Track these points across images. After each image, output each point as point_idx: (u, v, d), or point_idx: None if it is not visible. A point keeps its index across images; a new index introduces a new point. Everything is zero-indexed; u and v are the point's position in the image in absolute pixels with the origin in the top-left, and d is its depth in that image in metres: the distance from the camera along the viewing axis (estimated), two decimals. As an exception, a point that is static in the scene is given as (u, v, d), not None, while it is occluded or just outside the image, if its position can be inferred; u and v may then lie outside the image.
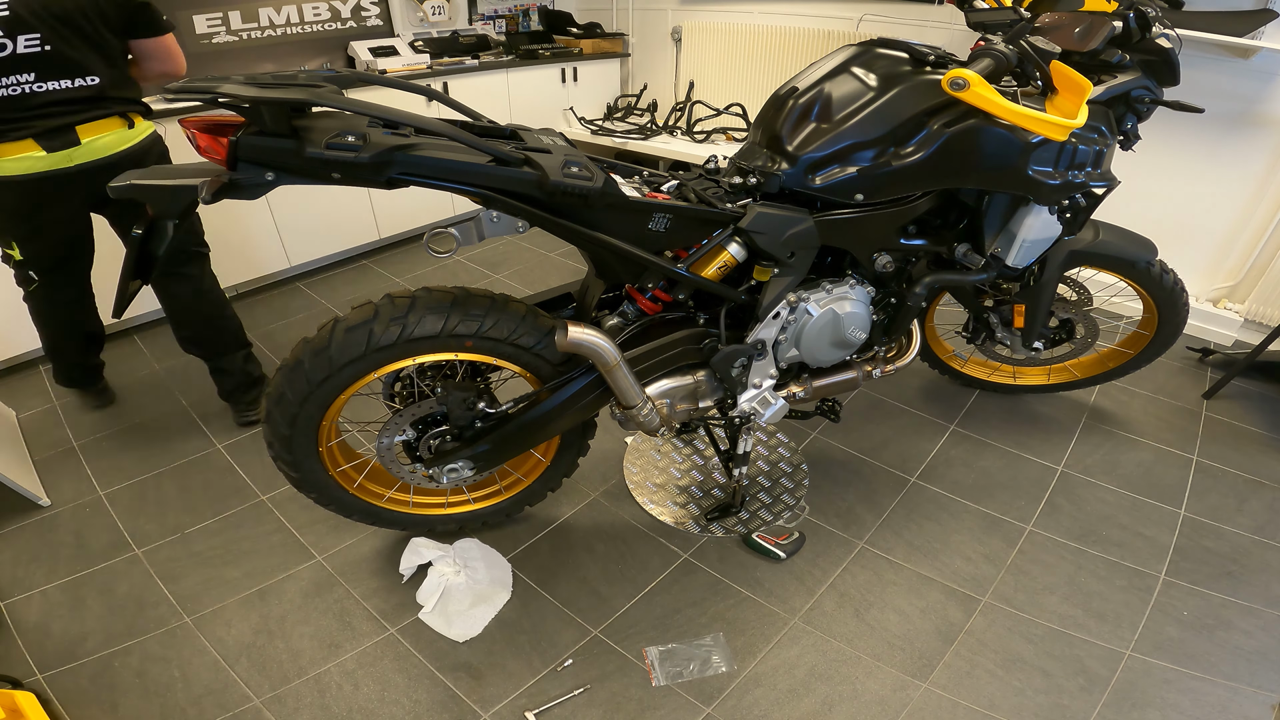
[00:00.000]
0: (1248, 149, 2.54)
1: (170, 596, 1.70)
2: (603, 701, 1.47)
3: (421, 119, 1.18)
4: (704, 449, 2.18)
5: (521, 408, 1.54)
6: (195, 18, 3.08)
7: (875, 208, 1.50)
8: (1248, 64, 2.43)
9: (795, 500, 1.98)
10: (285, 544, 1.85)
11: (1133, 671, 1.52)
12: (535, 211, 1.27)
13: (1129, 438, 2.24)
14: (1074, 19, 1.55)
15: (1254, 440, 2.22)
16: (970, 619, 1.64)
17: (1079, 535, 1.87)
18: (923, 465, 2.11)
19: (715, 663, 1.54)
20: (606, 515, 1.94)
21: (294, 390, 1.37)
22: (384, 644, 1.59)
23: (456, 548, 1.78)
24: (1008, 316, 2.05)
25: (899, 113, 1.40)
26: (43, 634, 1.61)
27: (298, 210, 3.15)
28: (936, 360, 2.39)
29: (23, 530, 1.91)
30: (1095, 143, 1.53)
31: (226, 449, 2.21)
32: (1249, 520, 1.91)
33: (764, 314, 1.54)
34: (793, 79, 1.53)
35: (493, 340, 1.40)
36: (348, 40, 3.61)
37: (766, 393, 1.65)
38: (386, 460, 1.56)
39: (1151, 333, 2.10)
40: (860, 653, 1.57)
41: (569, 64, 4.08)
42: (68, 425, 2.33)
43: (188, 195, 1.08)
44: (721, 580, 1.74)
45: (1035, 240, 1.63)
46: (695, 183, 1.53)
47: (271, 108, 1.05)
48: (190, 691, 1.48)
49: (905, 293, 1.67)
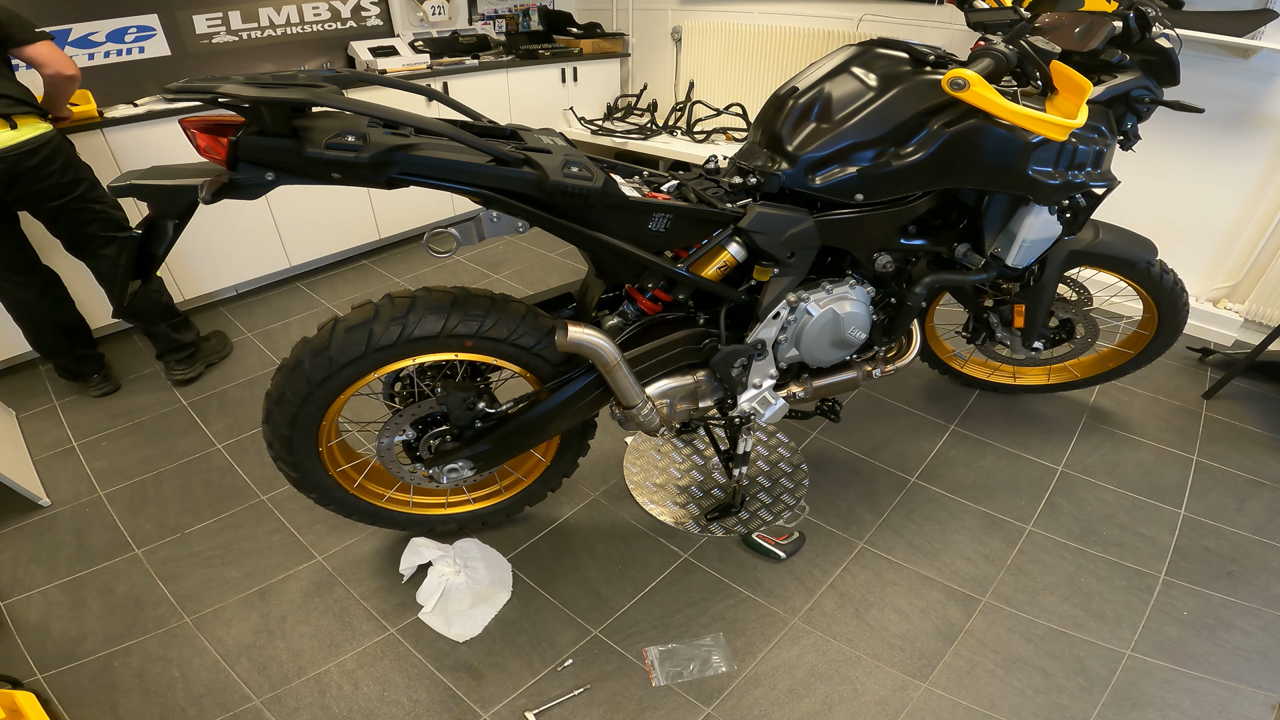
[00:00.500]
0: (1248, 149, 2.54)
1: (170, 596, 1.70)
2: (603, 701, 1.47)
3: (421, 119, 1.18)
4: (704, 449, 2.18)
5: (521, 408, 1.54)
6: (195, 18, 3.08)
7: (875, 208, 1.49)
8: (1248, 64, 2.43)
9: (795, 500, 1.98)
10: (285, 544, 1.85)
11: (1133, 671, 1.52)
12: (535, 211, 1.27)
13: (1129, 438, 2.24)
14: (1074, 19, 1.55)
15: (1254, 440, 2.22)
16: (970, 619, 1.64)
17: (1079, 535, 1.87)
18: (923, 465, 2.11)
19: (715, 663, 1.54)
20: (606, 515, 1.94)
21: (294, 390, 1.37)
22: (384, 644, 1.59)
23: (456, 548, 1.78)
24: (1008, 316, 2.05)
25: (899, 113, 1.40)
26: (43, 634, 1.61)
27: (298, 210, 3.15)
28: (936, 360, 2.39)
29: (23, 530, 1.91)
30: (1095, 143, 1.53)
31: (226, 449, 2.21)
32: (1249, 520, 1.91)
33: (764, 314, 1.54)
34: (793, 79, 1.53)
35: (493, 340, 1.40)
36: (348, 40, 3.61)
37: (766, 393, 1.65)
38: (386, 460, 1.56)
39: (1151, 333, 2.10)
40: (860, 653, 1.57)
41: (569, 64, 4.08)
42: (68, 425, 2.33)
43: (187, 195, 1.08)
44: (721, 580, 1.74)
45: (1035, 240, 1.63)
46: (695, 183, 1.53)
47: (271, 108, 1.05)
48: (190, 691, 1.48)
49: (905, 293, 1.67)
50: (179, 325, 2.48)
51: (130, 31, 2.91)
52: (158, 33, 2.99)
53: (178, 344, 2.49)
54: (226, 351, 2.72)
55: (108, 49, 2.88)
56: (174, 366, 2.52)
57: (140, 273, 1.19)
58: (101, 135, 2.54)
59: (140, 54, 2.97)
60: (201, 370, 2.56)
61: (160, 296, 2.43)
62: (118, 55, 2.91)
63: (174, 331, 2.47)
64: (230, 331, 2.90)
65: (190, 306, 3.08)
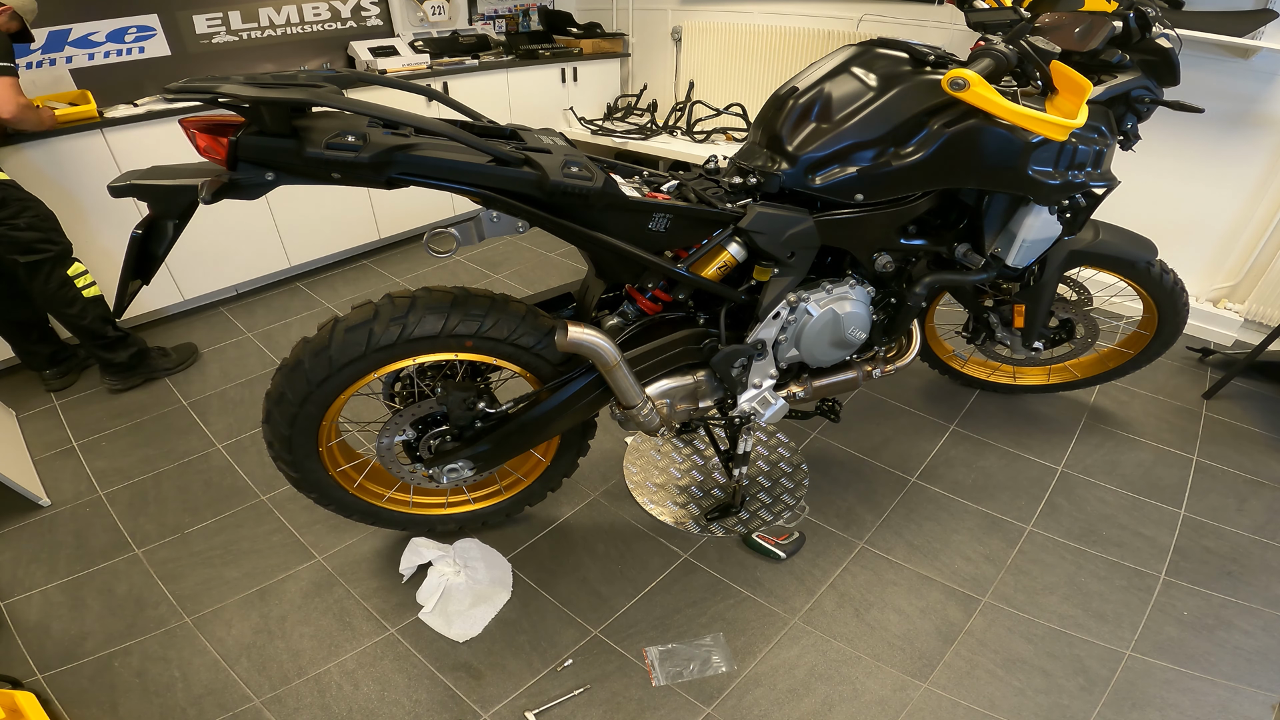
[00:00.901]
0: (1248, 149, 2.54)
1: (170, 596, 1.70)
2: (603, 701, 1.47)
3: (421, 119, 1.18)
4: (704, 449, 2.18)
5: (521, 408, 1.54)
6: (195, 18, 3.08)
7: (875, 208, 1.49)
8: (1248, 64, 2.43)
9: (795, 500, 1.98)
10: (285, 544, 1.85)
11: (1133, 671, 1.52)
12: (535, 211, 1.27)
13: (1129, 438, 2.23)
14: (1074, 19, 1.55)
15: (1254, 440, 2.22)
16: (970, 619, 1.64)
17: (1079, 535, 1.87)
18: (923, 465, 2.11)
19: (715, 663, 1.54)
20: (606, 515, 1.94)
21: (294, 390, 1.37)
22: (384, 644, 1.59)
23: (456, 548, 1.78)
24: (1008, 316, 2.05)
25: (899, 113, 1.40)
26: (43, 634, 1.61)
27: (298, 210, 3.15)
28: (936, 360, 2.39)
29: (23, 530, 1.91)
30: (1095, 143, 1.53)
31: (226, 449, 2.21)
32: (1249, 520, 1.91)
33: (764, 314, 1.54)
34: (793, 79, 1.53)
35: (493, 340, 1.40)
36: (348, 40, 3.61)
37: (766, 393, 1.65)
38: (386, 460, 1.56)
39: (1151, 333, 2.10)
40: (860, 653, 1.57)
41: (569, 64, 4.08)
42: (68, 425, 2.33)
43: (187, 195, 1.08)
44: (721, 580, 1.74)
45: (1035, 240, 1.63)
46: (695, 183, 1.53)
47: (271, 108, 1.05)
48: (190, 691, 1.48)
49: (905, 293, 1.67)
50: (111, 344, 2.44)
51: (130, 31, 2.91)
52: (158, 33, 2.99)
53: (108, 362, 2.47)
54: (185, 364, 2.66)
55: (108, 49, 2.88)
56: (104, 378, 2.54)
57: (140, 273, 1.19)
58: (101, 135, 2.54)
59: (140, 54, 2.98)
60: (138, 383, 2.55)
61: (81, 319, 2.35)
62: (118, 55, 2.91)
63: (104, 350, 2.44)
64: (230, 331, 2.91)
65: (190, 306, 3.09)
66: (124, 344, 2.47)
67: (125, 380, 2.52)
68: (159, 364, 2.60)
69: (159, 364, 2.60)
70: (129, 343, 2.49)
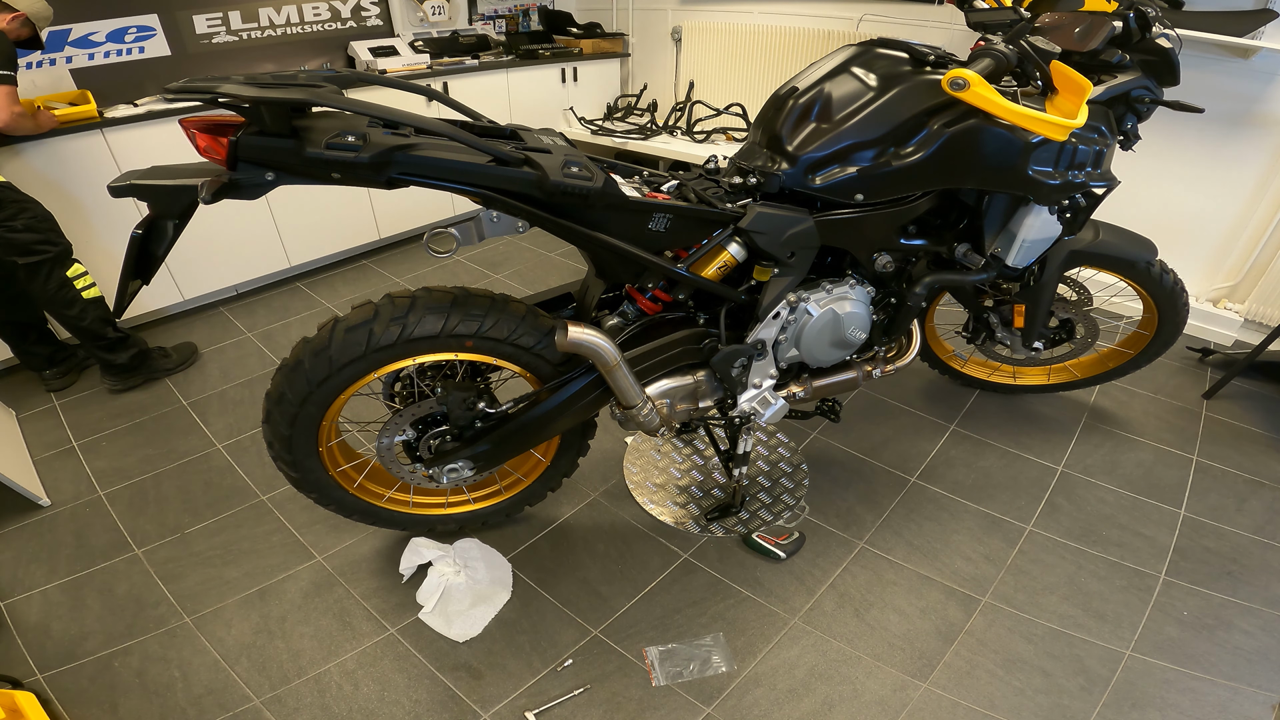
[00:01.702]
0: (1248, 149, 2.54)
1: (170, 596, 1.70)
2: (603, 701, 1.47)
3: (421, 119, 1.18)
4: (704, 449, 2.18)
5: (521, 408, 1.54)
6: (195, 18, 3.08)
7: (875, 208, 1.49)
8: (1248, 64, 2.43)
9: (795, 500, 1.98)
10: (285, 544, 1.85)
11: (1133, 671, 1.52)
12: (535, 211, 1.27)
13: (1129, 438, 2.23)
14: (1074, 19, 1.55)
15: (1254, 440, 2.22)
16: (970, 619, 1.64)
17: (1079, 535, 1.87)
18: (923, 465, 2.11)
19: (715, 663, 1.54)
20: (606, 515, 1.94)
21: (294, 390, 1.37)
22: (384, 644, 1.59)
23: (456, 548, 1.78)
24: (1008, 316, 2.05)
25: (899, 113, 1.40)
26: (43, 634, 1.61)
27: (298, 210, 3.15)
28: (936, 360, 2.39)
29: (23, 530, 1.91)
30: (1095, 143, 1.53)
31: (226, 449, 2.21)
32: (1249, 520, 1.91)
33: (764, 314, 1.54)
34: (793, 79, 1.53)
35: (493, 340, 1.40)
36: (348, 40, 3.61)
37: (766, 393, 1.65)
38: (386, 460, 1.56)
39: (1151, 333, 2.10)
40: (860, 653, 1.57)
41: (569, 64, 4.08)
42: (68, 425, 2.33)
43: (187, 195, 1.08)
44: (721, 580, 1.74)
45: (1035, 240, 1.63)
46: (695, 183, 1.53)
47: (271, 108, 1.05)
48: (190, 691, 1.48)
49: (905, 293, 1.67)
50: (111, 345, 2.44)
51: (130, 31, 2.91)
52: (158, 33, 2.99)
53: (108, 363, 2.48)
54: (186, 364, 2.66)
55: (108, 49, 2.88)
56: (104, 379, 2.55)
57: (140, 273, 1.19)
58: (101, 135, 2.54)
59: (140, 54, 2.97)
60: (138, 384, 2.55)
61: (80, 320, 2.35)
62: (118, 55, 2.91)
63: (104, 352, 2.45)
64: (230, 331, 2.91)
65: (190, 306, 3.09)
66: (124, 345, 2.47)
67: (125, 381, 2.52)
68: (159, 364, 2.60)
69: (159, 364, 2.60)
70: (129, 344, 2.49)
